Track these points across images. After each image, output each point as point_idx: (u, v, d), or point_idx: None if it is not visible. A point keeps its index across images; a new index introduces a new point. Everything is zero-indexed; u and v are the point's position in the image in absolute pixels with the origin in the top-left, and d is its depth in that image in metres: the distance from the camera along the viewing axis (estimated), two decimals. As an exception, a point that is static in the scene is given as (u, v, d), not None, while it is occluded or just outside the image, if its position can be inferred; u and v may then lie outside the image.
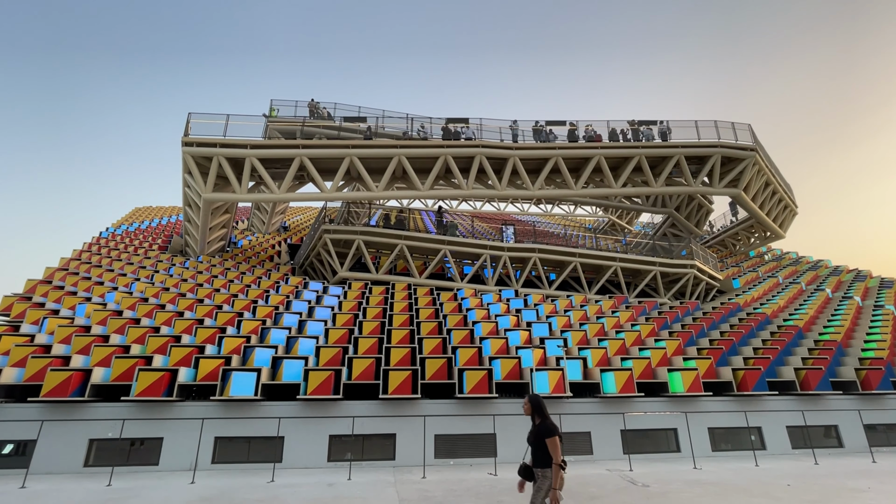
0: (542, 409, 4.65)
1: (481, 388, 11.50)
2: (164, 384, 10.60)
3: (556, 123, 22.67)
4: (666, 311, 19.42)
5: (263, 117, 21.24)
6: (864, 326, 18.67)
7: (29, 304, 15.27)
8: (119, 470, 9.48)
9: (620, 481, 8.85)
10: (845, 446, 12.31)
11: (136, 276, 18.93)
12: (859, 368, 13.68)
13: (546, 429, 4.48)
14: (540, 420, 4.60)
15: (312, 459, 10.37)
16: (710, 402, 12.37)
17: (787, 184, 29.00)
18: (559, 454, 4.35)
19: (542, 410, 4.65)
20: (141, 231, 28.40)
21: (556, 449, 4.36)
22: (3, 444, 9.97)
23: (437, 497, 7.70)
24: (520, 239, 22.00)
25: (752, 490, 8.09)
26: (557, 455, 4.34)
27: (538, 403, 4.69)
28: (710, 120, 23.66)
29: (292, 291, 18.76)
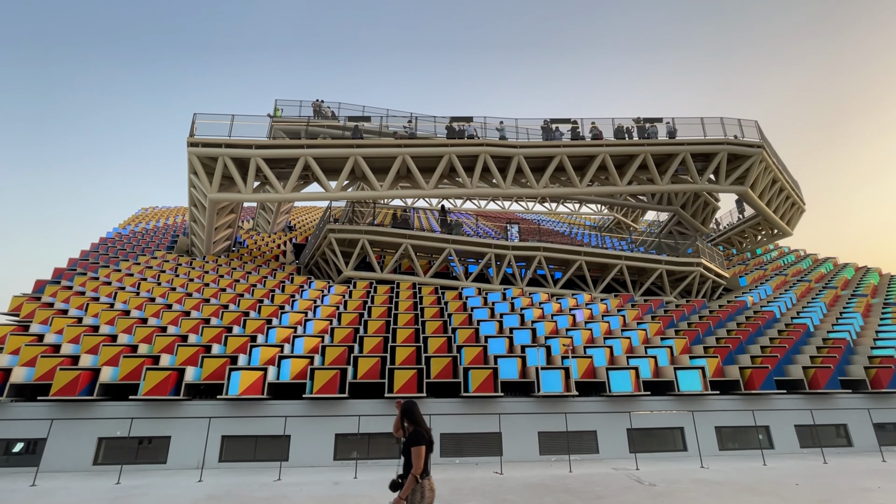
0: (412, 416, 4.37)
1: (487, 387, 11.49)
2: (171, 383, 10.68)
3: (560, 121, 22.57)
4: (672, 309, 19.32)
5: (268, 117, 21.31)
6: (874, 324, 18.46)
7: (38, 305, 15.44)
8: (128, 468, 9.56)
9: (627, 480, 8.82)
10: (855, 445, 12.18)
11: (142, 276, 19.07)
12: (869, 367, 13.53)
13: (411, 437, 4.21)
14: (412, 428, 4.32)
15: (319, 458, 10.41)
16: (717, 401, 12.29)
17: (794, 181, 28.71)
18: (420, 465, 4.07)
19: (413, 417, 4.37)
20: (147, 231, 28.61)
21: (417, 459, 4.08)
22: (13, 443, 10.10)
23: (443, 496, 7.71)
24: (524, 237, 21.94)
25: (760, 489, 8.03)
26: (417, 465, 4.07)
27: (408, 409, 4.41)
28: (717, 117, 23.45)
29: (297, 290, 18.83)
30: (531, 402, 11.69)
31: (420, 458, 4.10)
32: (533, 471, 9.72)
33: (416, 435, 4.20)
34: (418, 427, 4.30)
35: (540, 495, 7.72)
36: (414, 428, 4.30)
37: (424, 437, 4.20)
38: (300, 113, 22.55)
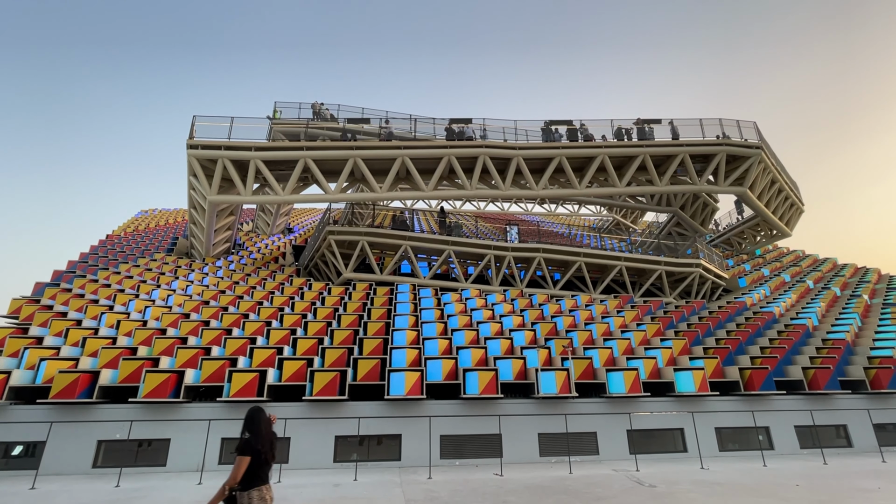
0: (251, 424, 4.10)
1: (488, 388, 11.48)
2: (170, 385, 10.66)
3: (560, 123, 22.62)
4: (672, 310, 19.32)
5: (267, 119, 21.36)
6: (873, 324, 18.49)
7: (37, 307, 15.41)
8: (127, 471, 9.54)
9: (627, 481, 8.81)
10: (854, 446, 12.19)
11: (142, 279, 19.07)
12: (868, 367, 13.55)
13: (238, 445, 3.96)
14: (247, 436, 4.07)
15: (318, 460, 10.39)
16: (717, 402, 12.29)
17: (793, 181, 28.78)
18: (237, 475, 3.80)
19: (253, 425, 4.10)
20: (146, 233, 28.60)
21: (237, 468, 3.82)
22: (13, 446, 10.07)
23: (443, 497, 7.70)
24: (524, 239, 21.96)
25: (760, 490, 8.03)
26: (234, 475, 3.79)
27: (249, 417, 4.15)
28: (715, 118, 23.52)
29: (297, 292, 18.82)
30: (531, 403, 11.69)
31: (238, 469, 3.82)
32: (533, 472, 9.72)
33: (243, 444, 3.96)
34: (255, 436, 4.04)
35: (540, 497, 7.72)
36: (249, 436, 4.03)
37: (252, 448, 3.94)
38: (299, 115, 22.61)
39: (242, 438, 4.04)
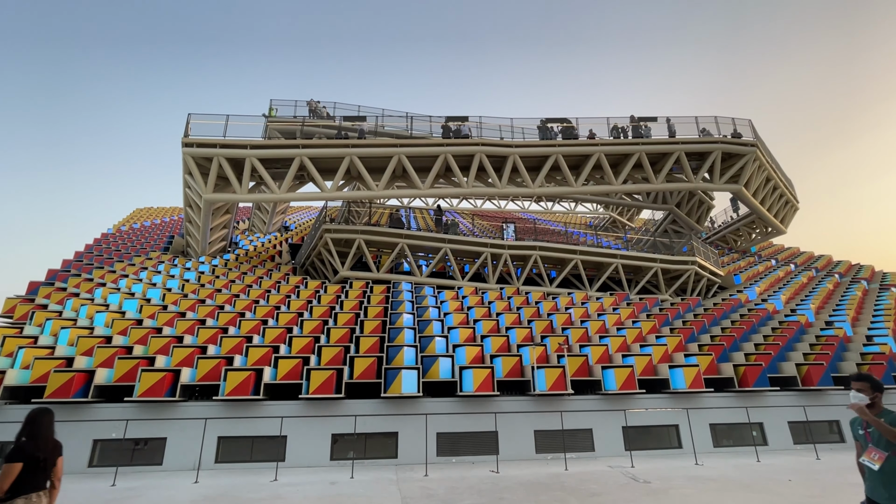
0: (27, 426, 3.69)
1: (484, 386, 11.52)
2: (166, 384, 10.64)
3: (556, 121, 22.65)
4: (667, 307, 19.42)
5: (263, 117, 21.25)
6: (866, 321, 18.65)
7: (31, 306, 15.34)
8: (123, 470, 9.53)
9: (622, 478, 8.88)
10: (847, 441, 12.30)
11: (137, 277, 18.99)
12: (861, 363, 13.68)
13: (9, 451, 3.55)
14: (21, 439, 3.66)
15: (315, 458, 10.41)
16: (712, 399, 12.38)
17: (788, 179, 28.94)
18: (3, 485, 3.39)
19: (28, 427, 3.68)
20: (142, 231, 28.47)
21: (3, 478, 3.41)
22: (8, 445, 10.03)
23: (439, 494, 7.74)
24: (520, 237, 22.00)
25: (753, 486, 8.11)
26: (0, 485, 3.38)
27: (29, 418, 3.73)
28: (711, 116, 23.63)
29: (293, 290, 18.79)
30: (527, 400, 11.74)
31: (5, 478, 3.40)
32: (529, 469, 9.77)
33: (13, 450, 3.54)
34: (32, 441, 3.63)
35: (536, 493, 7.77)
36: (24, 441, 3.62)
37: (25, 454, 3.53)
38: (295, 113, 22.51)
39: (15, 443, 3.63)
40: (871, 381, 3.37)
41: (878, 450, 3.23)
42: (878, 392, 3.34)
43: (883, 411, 3.29)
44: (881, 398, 3.36)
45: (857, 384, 3.40)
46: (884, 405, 3.38)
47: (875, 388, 3.35)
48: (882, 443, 3.21)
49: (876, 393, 3.33)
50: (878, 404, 3.33)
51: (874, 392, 3.33)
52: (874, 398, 3.32)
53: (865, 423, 3.38)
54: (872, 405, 3.33)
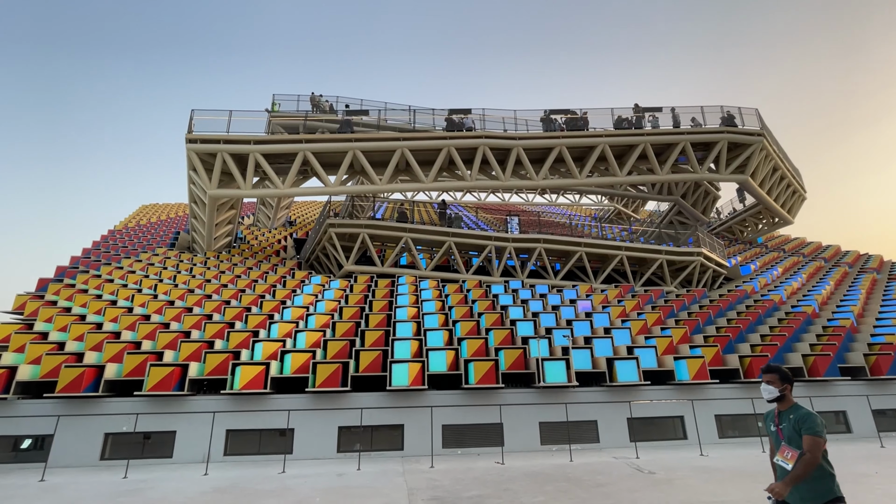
0: None
1: (488, 378, 11.58)
2: (174, 379, 10.78)
3: (560, 112, 22.47)
4: (672, 299, 19.36)
5: (266, 112, 21.25)
6: (874, 311, 18.51)
7: (41, 303, 15.54)
8: (134, 462, 9.69)
9: (627, 468, 8.92)
10: (853, 432, 12.28)
11: (144, 273, 19.16)
12: (868, 354, 13.59)
13: None
14: None
15: (322, 451, 10.54)
16: (717, 390, 12.37)
17: (795, 168, 28.60)
18: None
19: None
20: (148, 228, 28.67)
21: None
22: (21, 439, 10.23)
23: (445, 486, 7.82)
24: (524, 229, 21.94)
25: (758, 476, 8.11)
26: None
27: None
28: (717, 106, 23.33)
29: (298, 285, 18.90)
30: (532, 392, 11.79)
31: None
32: (534, 460, 9.84)
33: None
34: None
35: (541, 484, 7.83)
36: None
37: None
38: (298, 107, 22.48)
39: None
40: (780, 372, 3.20)
41: (790, 448, 3.05)
42: (788, 384, 3.17)
43: (793, 405, 3.14)
44: (790, 390, 3.18)
45: (766, 376, 3.24)
46: (794, 399, 3.19)
47: (784, 379, 3.18)
48: (795, 441, 3.02)
49: (785, 385, 3.16)
50: (787, 397, 3.17)
51: (783, 384, 3.16)
52: (783, 390, 3.16)
53: (777, 419, 3.20)
54: (782, 398, 3.17)
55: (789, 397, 3.17)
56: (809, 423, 2.94)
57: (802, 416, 3.01)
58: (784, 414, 3.15)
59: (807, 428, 2.93)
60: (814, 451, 2.85)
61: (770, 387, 3.20)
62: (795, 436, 3.01)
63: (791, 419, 3.06)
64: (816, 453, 2.86)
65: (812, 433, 2.90)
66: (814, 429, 2.91)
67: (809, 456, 2.85)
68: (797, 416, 3.03)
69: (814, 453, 2.85)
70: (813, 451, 2.86)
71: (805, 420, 2.97)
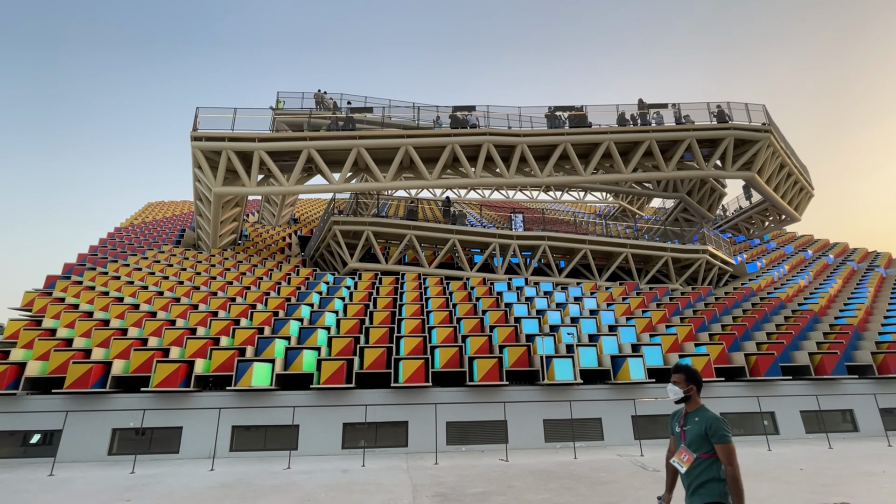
0: None
1: (492, 375, 11.59)
2: (181, 375, 10.86)
3: (564, 109, 22.35)
4: (678, 297, 19.26)
5: (270, 110, 21.28)
6: (882, 309, 18.33)
7: (49, 300, 15.68)
8: (141, 458, 9.79)
9: (631, 466, 8.90)
10: (860, 430, 12.19)
11: (150, 270, 19.29)
12: (876, 352, 13.48)
13: None
14: None
15: (327, 447, 10.59)
16: (722, 388, 12.32)
17: (802, 165, 28.29)
18: None
19: None
20: (154, 225, 28.84)
21: None
22: (30, 434, 10.35)
23: (449, 482, 7.84)
24: (529, 227, 21.88)
25: (764, 475, 8.09)
26: None
27: None
28: (723, 102, 23.10)
29: (303, 282, 18.96)
30: (536, 390, 11.78)
31: None
32: (538, 458, 9.84)
33: None
34: None
35: (545, 481, 7.83)
36: None
37: None
38: (302, 105, 22.48)
39: None
40: (687, 373, 3.07)
41: (688, 451, 2.93)
42: (694, 385, 3.04)
43: (700, 408, 3.02)
44: (697, 392, 3.04)
45: (674, 376, 3.12)
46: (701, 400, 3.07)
47: (691, 380, 3.05)
48: (694, 444, 2.91)
49: (691, 385, 3.04)
50: (694, 399, 3.04)
51: (689, 385, 3.04)
52: (689, 391, 3.03)
53: (683, 420, 3.08)
54: (688, 399, 3.05)
55: (696, 399, 3.06)
56: (718, 431, 2.84)
57: (709, 420, 2.89)
58: (690, 416, 3.04)
59: (718, 437, 2.83)
60: (731, 461, 2.78)
61: (676, 387, 3.08)
62: (698, 439, 2.90)
63: (697, 422, 2.94)
64: (734, 461, 2.78)
65: (725, 441, 2.81)
66: (724, 436, 2.82)
67: (731, 470, 2.77)
68: (704, 419, 2.92)
69: (732, 463, 2.78)
70: (730, 460, 2.78)
71: (713, 426, 2.86)
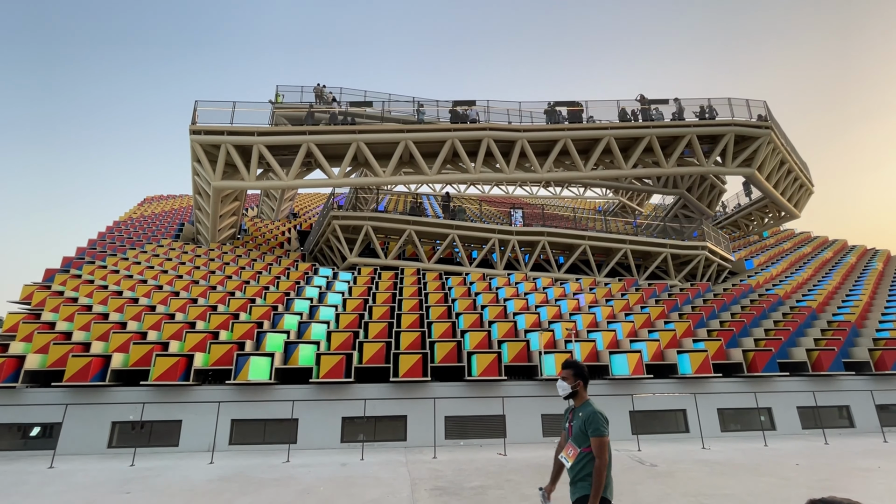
0: None
1: (490, 370, 11.62)
2: (180, 369, 10.88)
3: (564, 104, 22.27)
4: (676, 293, 19.30)
5: (270, 104, 21.18)
6: (880, 306, 18.39)
7: (48, 293, 15.67)
8: (141, 451, 9.83)
9: (629, 461, 8.96)
10: (857, 426, 12.26)
11: (149, 264, 19.27)
12: (873, 349, 13.53)
13: None
14: None
15: (326, 441, 10.64)
16: (720, 384, 12.37)
17: (802, 162, 28.29)
18: None
19: None
20: (152, 219, 28.79)
21: None
22: (30, 427, 10.38)
23: (447, 476, 7.88)
24: (528, 222, 21.90)
25: (760, 469, 8.14)
26: None
27: None
28: (724, 98, 23.04)
29: (302, 277, 18.97)
30: (534, 385, 11.82)
31: None
32: (536, 452, 9.89)
33: None
34: None
35: (543, 475, 7.87)
36: None
37: None
38: (301, 99, 22.38)
39: None
40: (575, 368, 3.11)
41: (573, 446, 2.96)
42: (581, 380, 3.08)
43: (584, 402, 3.05)
44: (584, 387, 3.09)
45: (562, 372, 3.16)
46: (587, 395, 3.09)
47: (578, 375, 3.09)
48: (577, 439, 2.95)
49: (578, 381, 3.08)
50: (580, 394, 3.09)
51: (576, 380, 3.08)
52: (576, 386, 3.07)
53: (571, 416, 3.11)
54: (575, 394, 3.09)
55: (582, 394, 3.10)
56: (594, 424, 2.88)
57: (588, 415, 2.94)
58: (576, 411, 3.08)
59: (593, 429, 2.87)
60: (601, 454, 2.81)
61: (564, 383, 3.11)
62: (580, 434, 2.95)
63: (580, 417, 2.99)
64: (604, 455, 2.81)
65: (598, 434, 2.85)
66: (599, 430, 2.86)
67: (599, 462, 2.80)
68: (584, 414, 2.97)
69: (601, 456, 2.81)
70: (600, 453, 2.81)
71: (590, 420, 2.90)
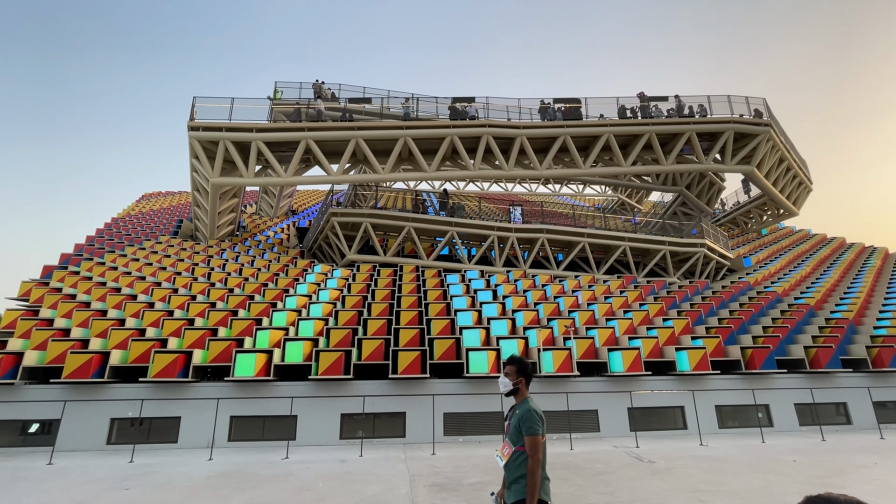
0: None
1: (489, 367, 11.64)
2: (179, 365, 10.88)
3: (563, 101, 22.23)
4: (675, 290, 19.32)
5: (268, 100, 21.09)
6: (878, 304, 18.44)
7: (46, 290, 15.64)
8: (140, 447, 9.84)
9: (627, 457, 8.99)
10: (854, 423, 12.32)
11: (147, 261, 19.24)
12: (871, 346, 13.58)
13: None
14: None
15: (325, 437, 10.66)
16: (718, 381, 12.41)
17: (801, 159, 28.30)
18: None
19: None
20: (151, 216, 28.72)
21: None
22: (29, 423, 10.38)
23: (446, 472, 7.90)
24: (527, 220, 21.88)
25: (757, 466, 8.18)
26: None
27: None
28: (723, 95, 23.00)
29: (301, 274, 18.96)
30: (534, 382, 11.81)
31: None
32: (535, 449, 9.91)
33: None
34: None
35: (541, 472, 7.89)
36: None
37: None
38: (300, 95, 22.26)
39: None
40: (518, 364, 3.06)
41: (508, 444, 2.91)
42: (524, 377, 3.03)
43: (523, 400, 3.00)
44: (525, 384, 3.04)
45: (506, 368, 3.11)
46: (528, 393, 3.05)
47: (521, 372, 3.04)
48: (512, 436, 2.90)
49: (520, 378, 3.02)
50: (521, 391, 3.03)
51: (518, 377, 3.02)
52: (517, 383, 3.02)
53: (510, 415, 3.05)
54: (516, 391, 3.03)
55: (523, 391, 3.04)
56: (528, 422, 2.82)
57: (524, 412, 2.88)
58: (515, 408, 3.04)
59: (527, 427, 2.81)
60: (534, 453, 2.76)
61: (506, 379, 3.06)
62: (514, 432, 2.89)
63: (517, 414, 2.94)
64: (537, 454, 2.76)
65: (532, 433, 2.79)
66: (533, 428, 2.79)
67: (532, 462, 2.74)
68: (521, 412, 2.91)
69: (534, 456, 2.75)
70: (533, 453, 2.76)
71: (525, 418, 2.85)
